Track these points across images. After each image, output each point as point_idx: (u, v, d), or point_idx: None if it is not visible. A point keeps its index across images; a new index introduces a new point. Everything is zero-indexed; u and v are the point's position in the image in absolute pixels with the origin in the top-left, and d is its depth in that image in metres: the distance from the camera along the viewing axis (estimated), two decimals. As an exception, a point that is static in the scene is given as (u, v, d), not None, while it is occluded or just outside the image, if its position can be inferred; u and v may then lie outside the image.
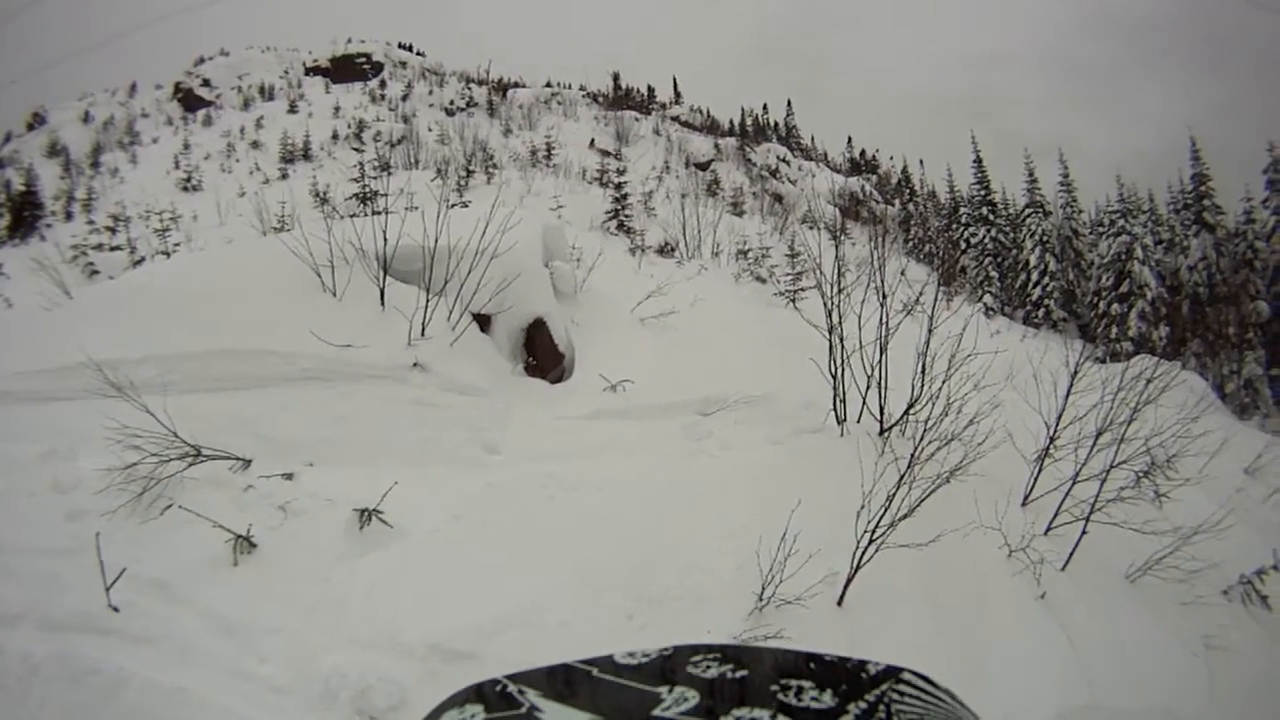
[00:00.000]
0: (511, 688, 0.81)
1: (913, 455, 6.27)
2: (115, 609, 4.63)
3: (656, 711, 0.72)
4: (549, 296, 9.48)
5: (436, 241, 8.36)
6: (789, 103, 52.30)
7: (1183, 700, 6.19)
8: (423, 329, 8.07)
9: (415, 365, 7.78)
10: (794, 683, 0.76)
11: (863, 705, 0.73)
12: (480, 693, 0.81)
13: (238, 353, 7.44)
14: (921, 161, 45.52)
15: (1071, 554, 6.99)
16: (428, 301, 8.19)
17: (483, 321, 8.76)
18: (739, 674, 0.79)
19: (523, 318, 8.95)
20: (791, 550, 5.32)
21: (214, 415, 6.67)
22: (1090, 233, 32.32)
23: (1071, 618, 6.41)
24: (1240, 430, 13.29)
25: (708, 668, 0.80)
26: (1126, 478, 7.65)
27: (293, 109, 47.69)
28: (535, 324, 9.04)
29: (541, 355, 9.01)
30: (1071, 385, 7.91)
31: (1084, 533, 7.07)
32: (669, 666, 0.82)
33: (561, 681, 0.82)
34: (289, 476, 6.10)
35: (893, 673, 0.81)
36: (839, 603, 5.71)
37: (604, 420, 7.96)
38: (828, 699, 0.73)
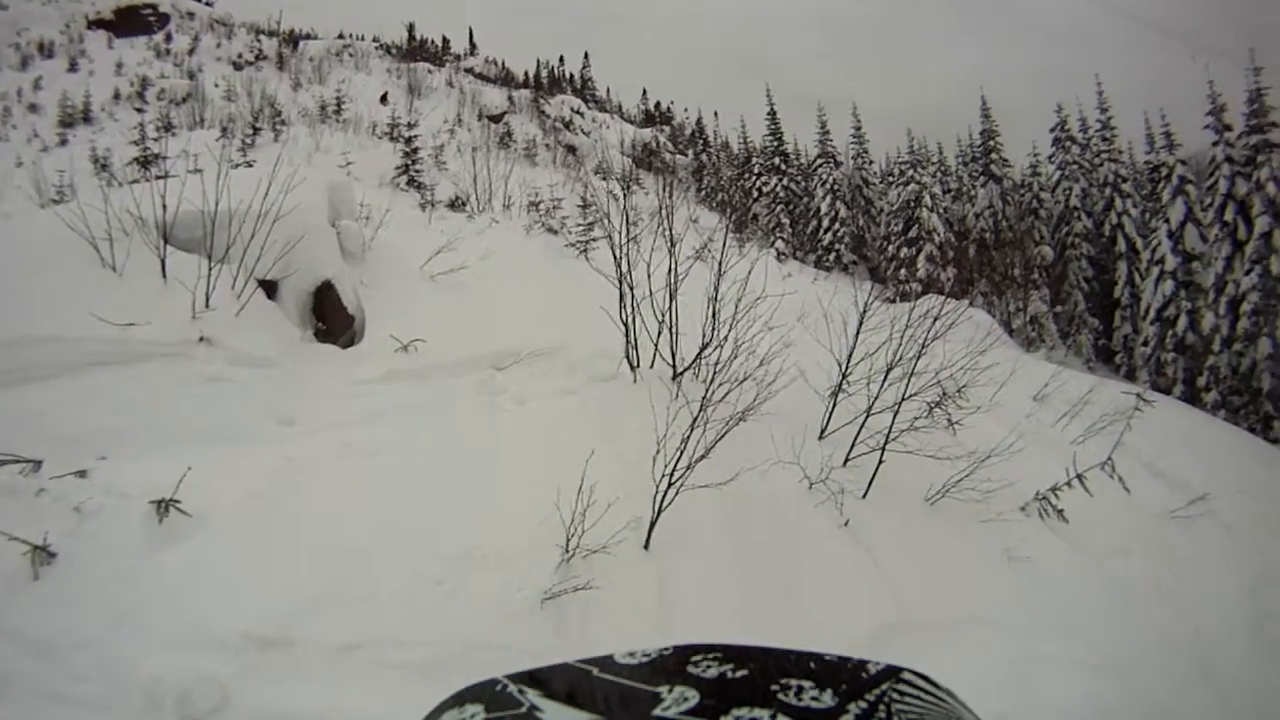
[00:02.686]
0: (511, 687, 0.83)
1: (704, 397, 6.65)
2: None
3: (657, 711, 0.75)
4: (336, 258, 9.40)
5: (217, 205, 8.15)
6: (585, 55, 52.77)
7: (990, 608, 6.81)
8: (207, 300, 7.85)
9: (201, 339, 7.56)
10: (794, 682, 0.79)
11: (863, 705, 0.76)
12: (480, 692, 0.84)
13: (13, 342, 6.99)
14: (716, 114, 46.87)
15: (871, 482, 7.56)
16: (210, 270, 7.96)
17: (269, 288, 8.60)
18: (739, 673, 0.82)
19: (310, 281, 8.86)
20: (591, 500, 5.54)
21: (-6, 415, 6.29)
22: (881, 182, 34.78)
23: (876, 542, 6.98)
24: (1028, 361, 14.56)
25: (708, 667, 0.83)
26: (919, 408, 8.25)
27: (73, 67, 43.78)
28: (323, 287, 8.97)
29: (331, 319, 8.94)
30: (861, 323, 8.45)
31: (881, 461, 7.65)
32: (669, 666, 0.85)
33: (561, 681, 0.85)
34: (81, 474, 5.77)
35: (893, 672, 0.83)
36: (645, 547, 6.02)
37: (398, 382, 8.01)
38: (828, 699, 0.76)
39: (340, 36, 50.30)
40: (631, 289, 8.42)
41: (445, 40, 55.76)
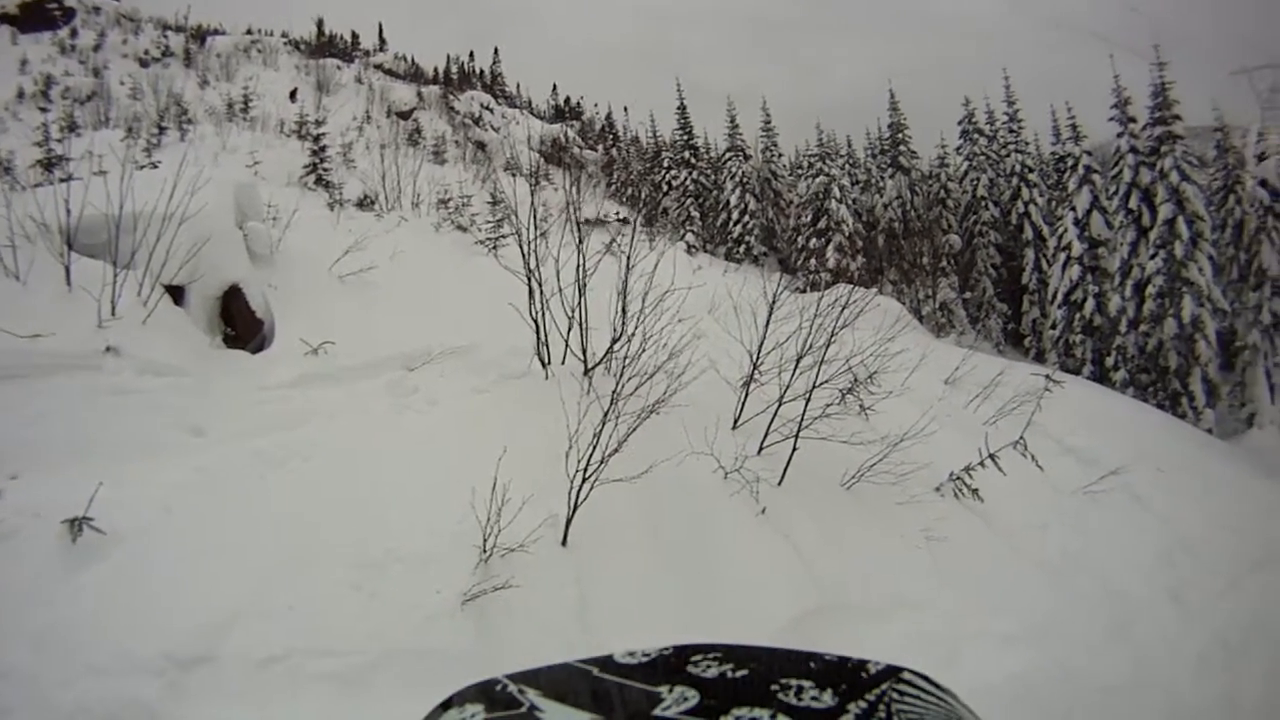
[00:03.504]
0: (512, 687, 0.84)
1: (614, 391, 6.73)
2: None
3: (657, 711, 0.76)
4: (244, 261, 9.25)
5: (121, 209, 7.96)
6: (495, 50, 52.38)
7: (910, 588, 7.02)
8: (113, 308, 7.60)
9: (108, 349, 7.31)
10: (794, 682, 0.80)
11: (863, 705, 0.77)
12: (480, 693, 0.85)
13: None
14: (626, 109, 47.14)
15: (785, 470, 7.73)
16: (115, 277, 7.75)
17: (176, 294, 8.40)
18: (739, 673, 0.83)
19: (217, 286, 8.69)
20: (506, 498, 5.57)
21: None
22: (790, 175, 35.30)
23: (793, 528, 7.13)
24: (938, 346, 14.91)
25: (708, 667, 0.84)
26: (832, 395, 8.43)
27: None
28: (230, 291, 8.80)
29: (239, 324, 8.78)
30: (771, 313, 8.59)
31: (795, 449, 7.80)
32: (669, 666, 0.87)
33: (562, 681, 0.86)
34: None
35: (893, 672, 0.86)
36: (563, 543, 6.08)
37: (308, 386, 7.89)
38: (827, 698, 0.78)
39: (249, 32, 49.03)
40: (540, 285, 8.46)
41: (355, 36, 54.80)
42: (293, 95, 33.67)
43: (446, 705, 0.84)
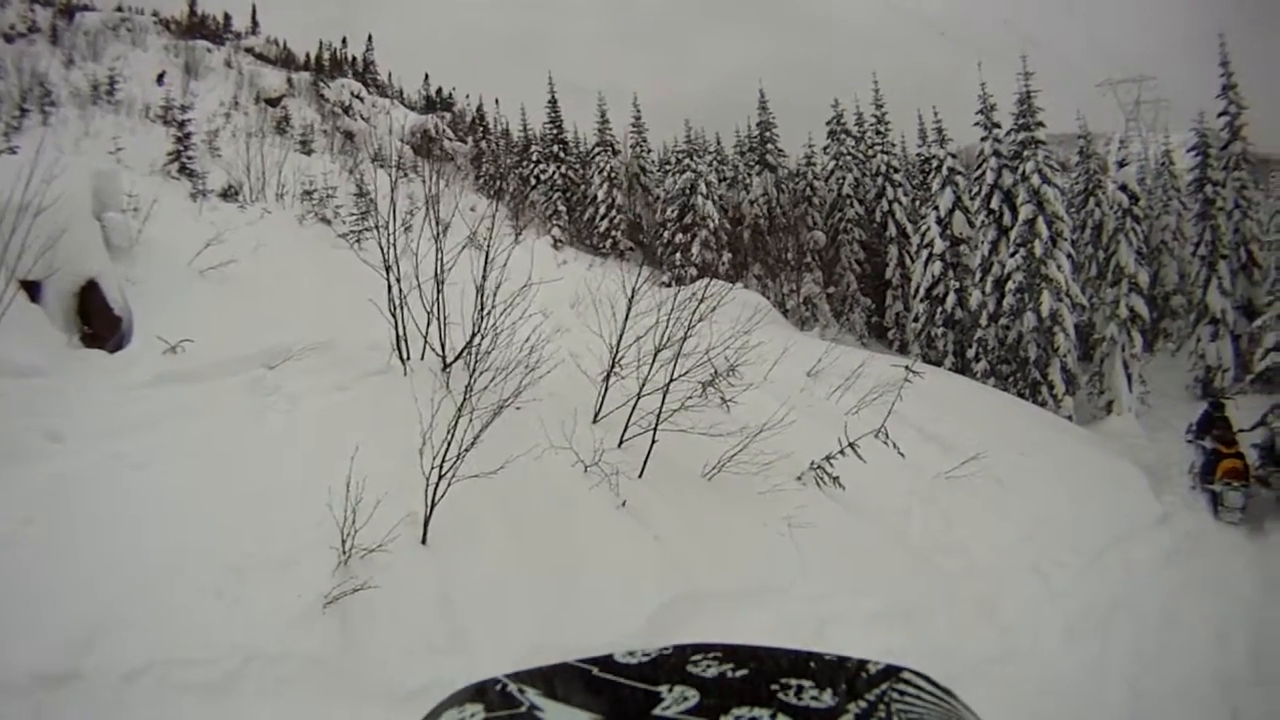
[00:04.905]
0: (511, 687, 0.85)
1: (468, 386, 6.84)
2: None
3: (657, 711, 0.76)
4: (102, 254, 8.94)
5: None
6: (369, 37, 51.44)
7: (776, 573, 7.31)
8: None
9: None
10: (794, 682, 0.80)
11: (863, 704, 0.78)
12: (480, 692, 0.85)
13: None
14: (497, 101, 46.74)
15: (645, 462, 7.95)
16: None
17: (32, 289, 8.12)
18: (739, 673, 0.84)
19: (73, 281, 8.40)
20: (360, 498, 5.60)
21: None
22: (658, 170, 35.73)
23: (655, 519, 7.37)
24: (802, 339, 15.40)
25: (708, 667, 0.84)
26: (692, 388, 8.63)
27: None
28: (88, 287, 8.52)
29: (97, 322, 8.51)
30: (630, 307, 8.80)
31: (654, 441, 8.04)
32: (669, 666, 0.87)
33: (561, 681, 0.86)
34: None
35: (892, 672, 0.86)
36: (423, 542, 6.15)
37: (166, 386, 7.70)
38: (827, 698, 0.78)
39: (119, 9, 46.96)
40: (399, 280, 8.49)
41: (227, 17, 52.95)
42: (160, 79, 32.63)
43: (446, 705, 0.85)
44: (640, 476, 7.83)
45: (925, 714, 0.80)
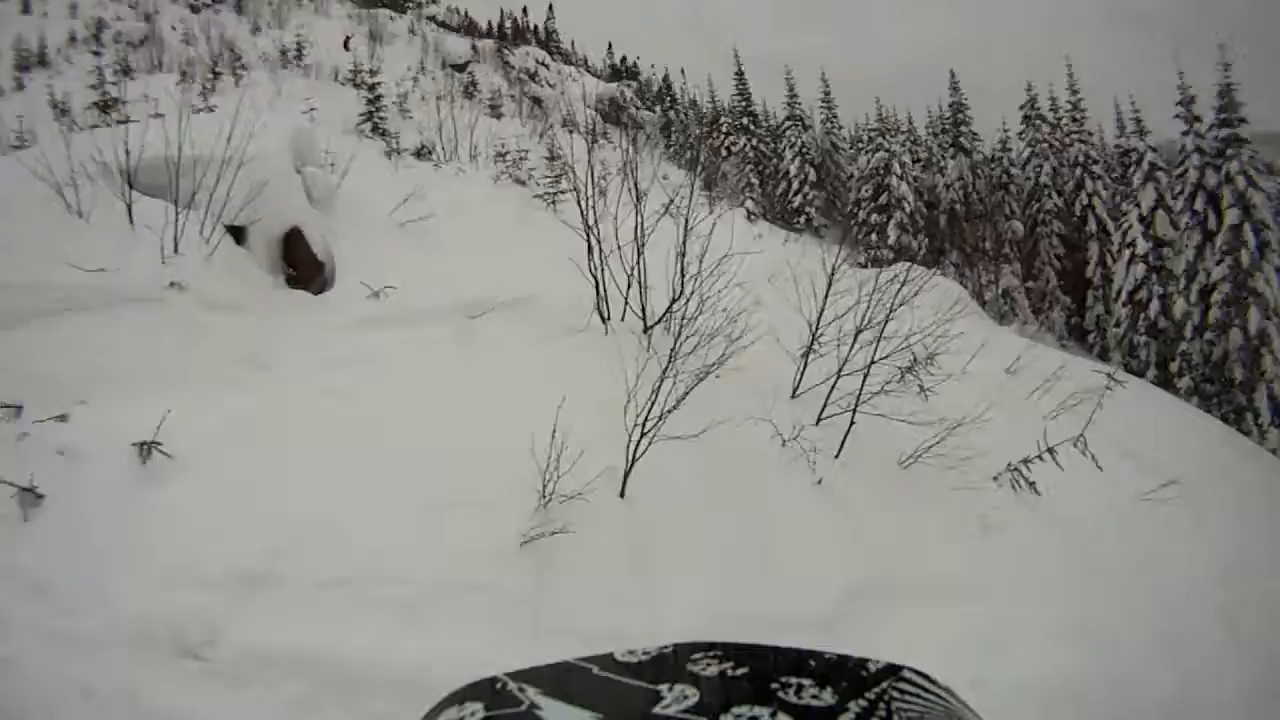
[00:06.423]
0: (511, 685, 0.86)
1: (673, 349, 7.00)
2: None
3: (657, 709, 0.78)
4: (304, 204, 9.76)
5: (180, 151, 8.36)
6: (550, 6, 52.53)
7: (962, 573, 7.23)
8: (175, 245, 8.07)
9: (172, 285, 7.81)
10: (794, 680, 0.82)
11: (863, 703, 0.79)
12: (480, 690, 0.87)
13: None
14: (683, 70, 47.02)
15: (843, 442, 7.95)
16: (177, 216, 8.18)
17: (238, 234, 8.90)
18: (739, 671, 0.85)
19: (278, 227, 9.20)
20: (564, 447, 5.85)
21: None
22: (850, 148, 35.45)
23: (848, 501, 7.37)
24: (1001, 334, 15.08)
25: (708, 665, 0.86)
26: (891, 373, 8.63)
27: (26, 9, 42.71)
28: (292, 233, 9.31)
29: (301, 265, 9.28)
30: (830, 285, 8.80)
31: (852, 423, 8.03)
32: (669, 664, 0.89)
33: (562, 679, 0.88)
34: (63, 418, 6.06)
35: (893, 670, 0.87)
36: (621, 495, 6.37)
37: (370, 328, 8.27)
38: (828, 697, 0.80)
39: None
40: (599, 242, 8.76)
41: None
42: (346, 43, 34.14)
43: (446, 703, 0.88)
44: (837, 457, 7.85)
45: (925, 713, 0.81)
